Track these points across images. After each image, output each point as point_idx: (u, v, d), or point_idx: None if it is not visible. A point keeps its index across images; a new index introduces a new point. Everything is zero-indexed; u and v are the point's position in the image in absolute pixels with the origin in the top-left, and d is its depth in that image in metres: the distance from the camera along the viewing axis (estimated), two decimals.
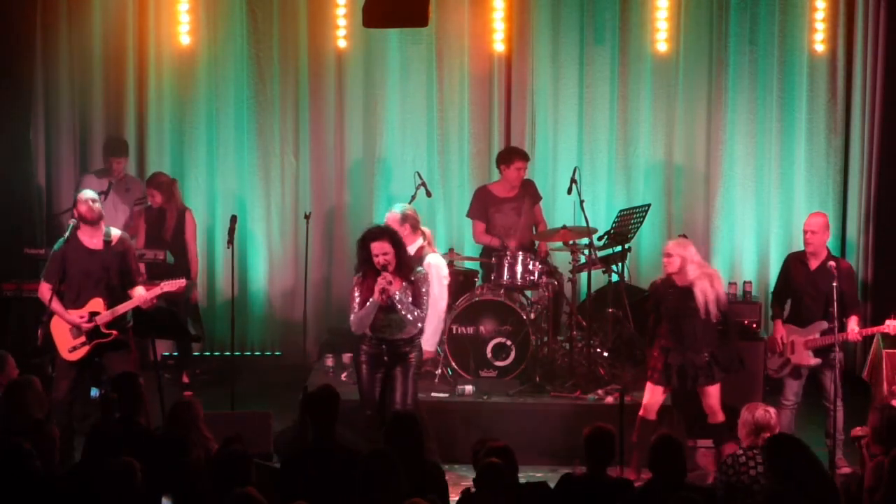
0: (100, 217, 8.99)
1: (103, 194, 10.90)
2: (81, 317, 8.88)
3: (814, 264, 9.45)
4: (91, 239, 8.98)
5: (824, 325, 9.36)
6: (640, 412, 9.10)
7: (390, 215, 9.29)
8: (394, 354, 8.67)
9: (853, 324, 9.33)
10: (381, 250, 8.47)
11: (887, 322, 9.27)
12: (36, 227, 11.38)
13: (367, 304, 8.49)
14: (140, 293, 8.94)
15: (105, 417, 7.56)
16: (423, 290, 8.61)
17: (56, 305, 8.92)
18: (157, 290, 9.00)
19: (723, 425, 9.03)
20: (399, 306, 8.47)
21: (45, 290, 8.95)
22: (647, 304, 9.34)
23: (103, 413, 7.62)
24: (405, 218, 9.31)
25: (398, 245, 8.55)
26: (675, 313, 8.98)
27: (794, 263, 9.59)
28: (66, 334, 8.95)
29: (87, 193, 9.05)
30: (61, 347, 8.99)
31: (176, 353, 11.30)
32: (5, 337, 10.47)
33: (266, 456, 9.01)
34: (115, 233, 9.09)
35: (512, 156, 10.88)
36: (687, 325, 8.95)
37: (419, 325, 8.65)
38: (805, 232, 9.49)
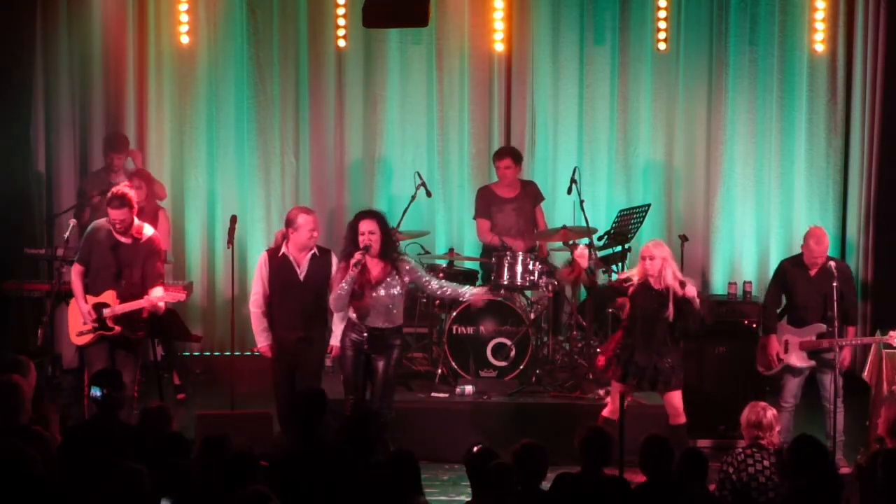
0: (128, 227, 9.02)
1: (103, 193, 10.93)
2: (89, 312, 8.95)
3: (813, 271, 9.46)
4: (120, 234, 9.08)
5: (822, 328, 9.36)
6: (605, 413, 9.03)
7: (311, 217, 9.14)
8: (375, 343, 8.87)
9: (852, 336, 9.29)
10: (368, 228, 8.74)
11: (892, 333, 9.26)
12: (36, 227, 11.38)
13: (344, 282, 8.69)
14: (157, 295, 8.99)
15: (106, 417, 7.54)
16: (419, 273, 8.97)
17: (77, 288, 8.98)
18: (161, 297, 9.03)
19: (683, 427, 8.99)
20: (381, 290, 8.75)
21: (75, 272, 9.07)
22: (617, 301, 9.24)
23: (103, 413, 7.60)
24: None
25: (385, 229, 8.79)
26: (649, 315, 8.87)
27: (792, 269, 9.58)
28: (78, 318, 9.03)
29: (117, 215, 9.00)
30: (71, 329, 9.09)
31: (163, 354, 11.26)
32: (5, 337, 10.47)
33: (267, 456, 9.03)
34: (148, 231, 9.16)
35: (498, 154, 10.96)
36: (659, 328, 8.89)
37: (401, 318, 8.92)
38: (814, 254, 9.43)
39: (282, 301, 9.12)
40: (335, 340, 9.15)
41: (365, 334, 8.87)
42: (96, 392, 7.53)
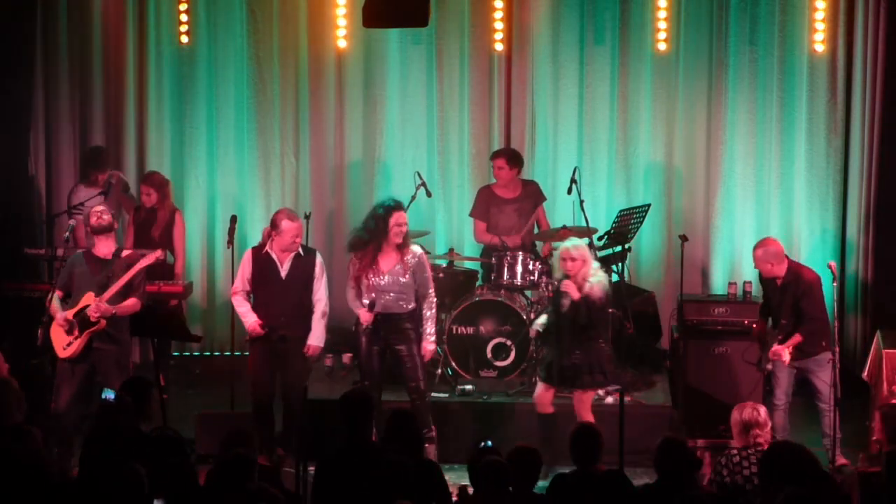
0: (110, 227, 9.10)
1: (103, 194, 10.93)
2: (65, 318, 8.94)
3: (779, 281, 9.53)
4: (102, 248, 9.10)
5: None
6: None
7: (295, 225, 9.24)
8: (390, 329, 9.12)
9: (788, 343, 9.29)
10: (405, 220, 9.14)
11: (774, 347, 9.31)
12: (36, 227, 11.38)
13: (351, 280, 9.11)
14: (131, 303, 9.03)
15: (122, 421, 7.55)
16: (424, 272, 9.22)
17: (54, 308, 9.00)
18: (136, 267, 9.03)
19: None
20: (389, 278, 9.10)
21: (54, 296, 9.08)
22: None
23: (119, 417, 7.60)
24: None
25: None
26: (558, 312, 8.99)
27: (767, 278, 9.66)
28: (61, 333, 9.00)
29: (96, 207, 9.25)
30: (57, 347, 9.04)
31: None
32: (5, 337, 10.47)
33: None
34: (126, 252, 9.22)
35: (494, 154, 11.02)
36: (567, 326, 8.95)
37: (413, 302, 9.20)
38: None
39: (263, 299, 9.23)
40: (314, 340, 9.25)
41: (378, 320, 9.08)
42: (108, 395, 7.55)
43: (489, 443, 7.15)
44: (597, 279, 9.00)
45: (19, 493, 6.27)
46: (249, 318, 9.24)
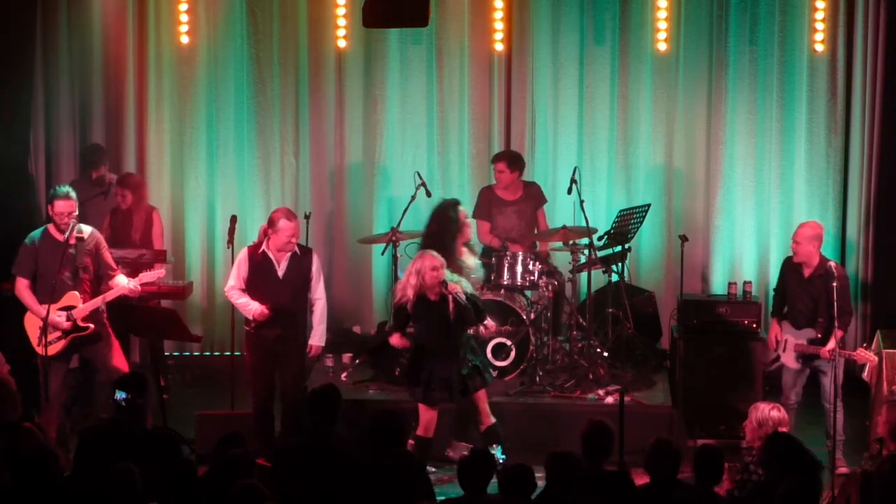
0: (73, 226, 9.12)
1: (103, 194, 10.94)
2: (59, 316, 8.95)
3: (807, 272, 9.49)
4: (62, 234, 9.10)
5: (812, 333, 9.39)
6: (418, 431, 8.90)
7: (293, 224, 9.21)
8: None
9: (832, 341, 9.26)
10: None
11: (858, 350, 9.26)
12: (36, 227, 11.36)
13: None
14: (123, 282, 9.00)
15: (132, 421, 7.56)
16: None
17: (31, 302, 8.98)
18: (136, 282, 9.05)
19: (497, 426, 8.98)
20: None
21: (21, 286, 9.07)
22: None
23: (130, 417, 7.61)
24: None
25: None
26: (438, 323, 8.85)
27: (790, 268, 9.64)
28: (39, 330, 8.98)
29: (66, 206, 9.11)
30: (35, 342, 9.01)
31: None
32: (5, 337, 10.47)
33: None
34: (87, 229, 9.20)
35: (494, 157, 11.04)
36: (452, 333, 8.85)
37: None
38: (794, 240, 9.55)
39: (260, 298, 9.20)
40: (316, 340, 9.25)
41: None
42: (120, 395, 7.58)
43: (499, 449, 7.13)
44: (456, 278, 8.92)
45: (22, 490, 6.28)
46: (252, 305, 9.20)
